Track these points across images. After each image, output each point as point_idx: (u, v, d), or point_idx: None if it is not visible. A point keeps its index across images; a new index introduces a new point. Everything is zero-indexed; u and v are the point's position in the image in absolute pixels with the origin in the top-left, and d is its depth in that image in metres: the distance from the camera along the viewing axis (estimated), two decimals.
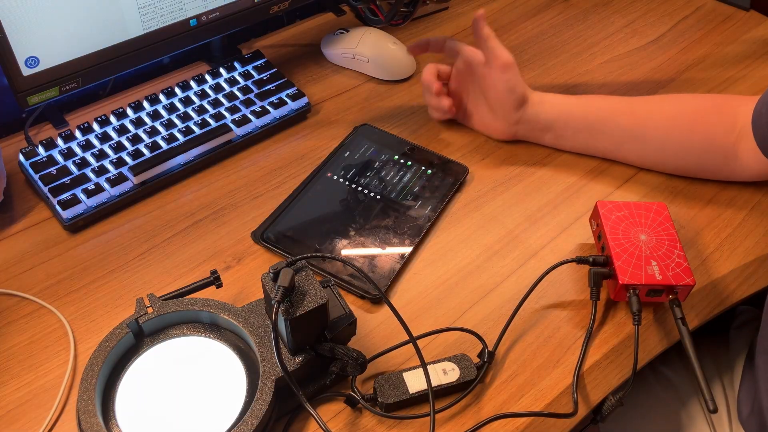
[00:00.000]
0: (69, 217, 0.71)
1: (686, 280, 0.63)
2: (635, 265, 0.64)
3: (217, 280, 0.61)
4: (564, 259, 0.67)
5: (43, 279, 0.67)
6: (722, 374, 0.79)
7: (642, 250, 0.65)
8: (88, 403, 0.52)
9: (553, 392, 0.60)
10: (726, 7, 1.03)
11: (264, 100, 0.83)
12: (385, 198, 0.74)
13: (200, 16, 0.80)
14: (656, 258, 0.64)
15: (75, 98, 0.85)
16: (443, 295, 0.67)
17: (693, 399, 0.77)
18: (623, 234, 0.66)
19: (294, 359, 0.55)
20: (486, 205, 0.75)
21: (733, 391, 0.77)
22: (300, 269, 0.55)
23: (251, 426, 0.51)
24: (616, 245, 0.65)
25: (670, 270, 0.63)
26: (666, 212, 0.68)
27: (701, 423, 0.76)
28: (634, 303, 0.63)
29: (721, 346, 0.82)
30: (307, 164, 0.79)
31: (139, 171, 0.73)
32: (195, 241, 0.71)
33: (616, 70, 0.93)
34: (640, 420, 0.78)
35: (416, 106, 0.87)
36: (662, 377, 0.80)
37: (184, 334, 0.58)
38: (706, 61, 0.94)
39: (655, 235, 0.66)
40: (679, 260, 0.64)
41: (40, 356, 0.61)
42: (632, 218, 0.67)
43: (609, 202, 0.69)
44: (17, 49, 0.68)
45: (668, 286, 0.63)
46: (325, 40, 0.94)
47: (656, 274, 0.63)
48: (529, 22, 1.01)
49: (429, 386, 0.56)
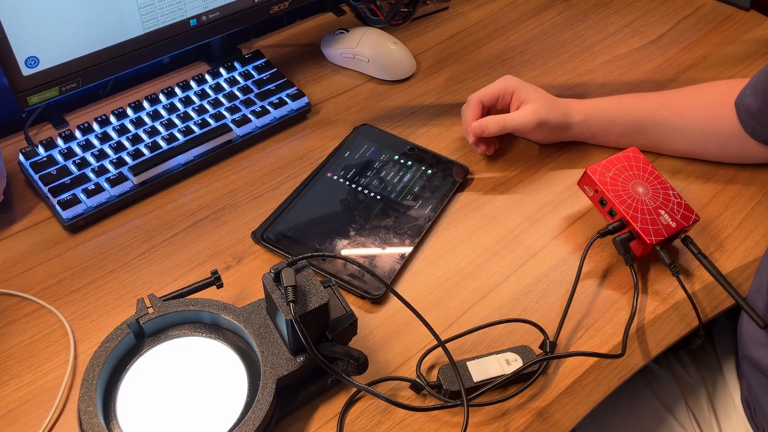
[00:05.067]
0: (69, 217, 0.71)
1: (693, 217, 0.68)
2: (651, 221, 0.67)
3: (218, 281, 0.61)
4: (599, 230, 0.69)
5: (43, 279, 0.67)
6: (706, 380, 0.79)
7: (647, 203, 0.67)
8: (89, 403, 0.52)
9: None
10: (726, 7, 1.03)
11: (264, 100, 0.83)
12: (385, 198, 0.74)
13: (200, 16, 0.79)
14: (662, 207, 0.67)
15: (75, 98, 0.85)
16: (444, 295, 0.67)
17: (680, 402, 0.77)
18: (624, 193, 0.68)
19: (295, 359, 0.55)
20: (486, 205, 0.75)
21: (718, 395, 0.77)
22: (301, 269, 0.55)
23: (252, 426, 0.51)
24: (626, 207, 0.68)
25: (677, 214, 0.67)
26: (641, 155, 0.72)
27: (688, 426, 0.76)
28: (665, 257, 0.66)
29: (703, 351, 0.82)
30: (307, 164, 0.79)
31: (139, 171, 0.73)
32: (195, 241, 0.71)
33: (616, 70, 0.93)
34: (630, 423, 0.78)
35: (416, 106, 0.87)
36: (650, 375, 0.80)
37: (185, 334, 0.58)
38: (706, 61, 0.94)
39: (648, 185, 0.69)
40: (677, 200, 0.68)
41: (40, 356, 0.61)
42: (623, 173, 0.70)
43: (597, 165, 0.71)
44: (17, 49, 0.68)
45: (683, 229, 0.67)
46: (325, 40, 0.94)
47: (670, 223, 0.66)
48: (529, 22, 1.01)
49: (459, 380, 0.56)
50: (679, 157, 0.80)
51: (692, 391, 0.78)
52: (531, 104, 0.77)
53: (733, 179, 0.78)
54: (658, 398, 0.78)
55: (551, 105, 0.78)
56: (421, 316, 0.58)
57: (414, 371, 0.61)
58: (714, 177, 0.78)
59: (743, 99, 0.73)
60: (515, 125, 0.77)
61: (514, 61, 0.94)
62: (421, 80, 0.91)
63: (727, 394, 0.77)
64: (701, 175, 0.78)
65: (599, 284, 0.68)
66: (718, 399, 0.77)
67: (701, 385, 0.78)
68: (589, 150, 0.81)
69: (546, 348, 0.62)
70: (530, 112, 0.77)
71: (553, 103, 0.78)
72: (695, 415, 0.77)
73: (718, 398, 0.77)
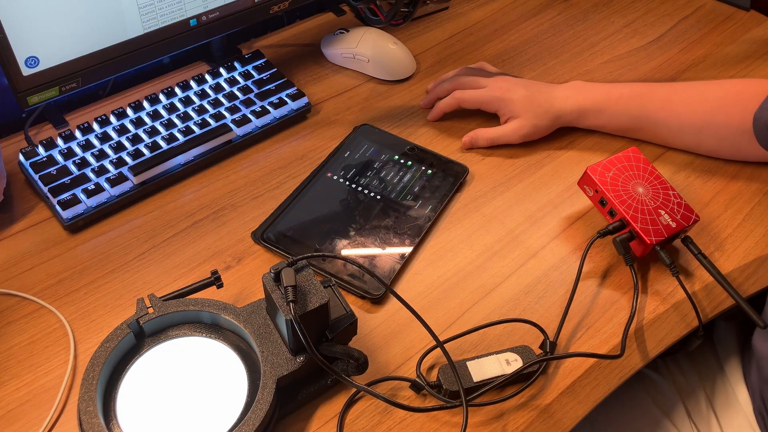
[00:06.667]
0: (69, 217, 0.71)
1: (693, 217, 0.68)
2: (651, 221, 0.67)
3: (218, 281, 0.61)
4: (599, 230, 0.68)
5: (43, 279, 0.67)
6: (705, 381, 0.79)
7: (647, 203, 0.67)
8: (89, 403, 0.52)
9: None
10: (726, 7, 1.03)
11: (264, 100, 0.83)
12: (385, 198, 0.74)
13: (200, 16, 0.79)
14: (662, 207, 0.67)
15: (75, 98, 0.85)
16: (443, 295, 0.67)
17: (678, 405, 0.77)
18: (625, 193, 0.68)
19: (295, 359, 0.55)
20: (486, 205, 0.75)
21: (718, 395, 0.77)
22: (301, 269, 0.55)
23: (253, 426, 0.51)
24: (626, 208, 0.67)
25: (677, 214, 0.67)
26: (641, 155, 0.72)
27: (686, 427, 0.76)
28: (666, 257, 0.66)
29: (701, 352, 0.82)
30: (307, 164, 0.79)
31: (139, 171, 0.73)
32: (195, 241, 0.71)
33: (616, 70, 0.93)
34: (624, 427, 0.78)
35: (416, 106, 0.87)
36: (649, 383, 0.80)
37: (185, 334, 0.58)
38: (706, 61, 0.94)
39: (648, 184, 0.69)
40: (677, 200, 0.68)
41: (40, 356, 0.61)
42: (623, 173, 0.70)
43: (597, 165, 0.71)
44: (17, 49, 0.68)
45: (683, 229, 0.67)
46: (325, 40, 0.94)
47: (670, 223, 0.66)
48: (529, 22, 1.01)
49: (457, 378, 0.56)
50: (679, 157, 0.80)
51: (690, 394, 0.78)
52: (518, 120, 0.79)
53: (733, 179, 0.78)
54: (657, 405, 0.78)
55: (540, 115, 0.78)
56: (420, 317, 0.58)
57: (414, 371, 0.61)
58: (714, 177, 0.78)
59: (762, 112, 0.70)
60: (506, 140, 0.80)
61: (514, 61, 0.94)
62: (421, 80, 0.91)
63: (728, 392, 0.77)
64: (701, 175, 0.78)
65: (599, 284, 0.68)
66: (718, 399, 0.77)
67: (700, 388, 0.78)
68: (589, 150, 0.81)
69: (546, 348, 0.62)
70: (517, 129, 0.79)
71: (543, 112, 0.78)
72: (692, 416, 0.77)
73: (717, 398, 0.77)
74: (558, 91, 0.79)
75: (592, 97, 0.78)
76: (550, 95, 0.78)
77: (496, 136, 0.80)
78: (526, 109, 0.78)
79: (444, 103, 0.82)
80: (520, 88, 0.79)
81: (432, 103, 0.85)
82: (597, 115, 0.78)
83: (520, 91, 0.79)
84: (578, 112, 0.78)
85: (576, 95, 0.78)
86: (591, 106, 0.78)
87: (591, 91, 0.78)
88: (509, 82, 0.80)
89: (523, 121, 0.78)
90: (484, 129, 0.80)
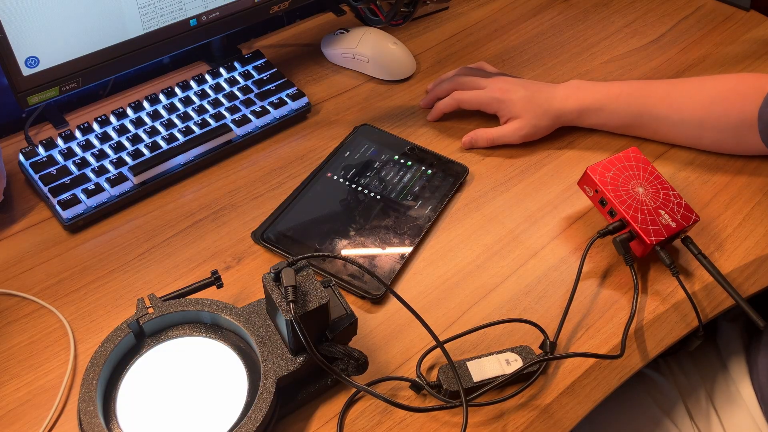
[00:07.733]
0: (69, 217, 0.71)
1: (693, 217, 0.68)
2: (651, 221, 0.67)
3: (218, 281, 0.61)
4: (599, 230, 0.68)
5: (43, 279, 0.67)
6: (705, 380, 0.79)
7: (647, 203, 0.67)
8: (89, 403, 0.52)
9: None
10: (726, 7, 1.03)
11: (264, 100, 0.83)
12: (385, 198, 0.74)
13: (200, 16, 0.79)
14: (662, 207, 0.67)
15: (75, 98, 0.85)
16: (443, 295, 0.67)
17: (678, 404, 0.77)
18: (624, 193, 0.68)
19: (295, 359, 0.55)
20: (486, 205, 0.75)
21: (719, 392, 0.77)
22: (301, 269, 0.55)
23: (253, 426, 0.51)
24: (626, 208, 0.67)
25: (677, 214, 0.67)
26: (641, 155, 0.72)
27: (686, 426, 0.76)
28: (666, 257, 0.66)
29: (701, 351, 0.82)
30: (307, 164, 0.79)
31: (139, 171, 0.73)
32: (195, 241, 0.71)
33: (616, 70, 0.93)
34: (625, 427, 0.78)
35: (416, 106, 0.87)
36: (650, 383, 0.80)
37: (185, 334, 0.58)
38: (706, 61, 0.94)
39: (648, 184, 0.69)
40: (677, 200, 0.68)
41: (40, 356, 0.61)
42: (623, 173, 0.70)
43: (597, 165, 0.71)
44: (17, 49, 0.68)
45: (683, 229, 0.67)
46: (325, 40, 0.94)
47: (670, 223, 0.66)
48: (529, 22, 1.01)
49: (457, 378, 0.56)
50: (679, 157, 0.80)
51: (691, 393, 0.78)
52: (518, 121, 0.79)
53: (734, 179, 0.78)
54: (658, 405, 0.78)
55: (539, 115, 0.79)
56: (420, 317, 0.58)
57: (414, 371, 0.61)
58: (714, 177, 0.78)
59: (766, 108, 0.71)
60: (506, 141, 0.80)
61: (514, 61, 0.94)
62: (421, 80, 0.91)
63: (731, 391, 0.77)
64: (701, 175, 0.78)
65: (599, 284, 0.68)
66: (720, 397, 0.77)
67: (701, 387, 0.78)
68: (589, 150, 0.81)
69: (546, 348, 0.62)
70: (517, 129, 0.79)
71: (543, 112, 0.78)
72: (693, 415, 0.77)
73: (719, 397, 0.77)
74: (557, 90, 0.79)
75: (591, 96, 0.78)
76: (549, 95, 0.78)
77: (496, 137, 0.80)
78: (525, 109, 0.78)
79: (443, 103, 0.82)
80: (519, 89, 0.79)
81: (431, 104, 0.85)
82: (597, 114, 0.78)
83: (520, 92, 0.79)
84: (578, 111, 0.78)
85: (575, 94, 0.78)
86: (591, 104, 0.78)
87: (590, 90, 0.78)
88: (508, 82, 0.80)
89: (523, 121, 0.78)
90: (484, 129, 0.80)
